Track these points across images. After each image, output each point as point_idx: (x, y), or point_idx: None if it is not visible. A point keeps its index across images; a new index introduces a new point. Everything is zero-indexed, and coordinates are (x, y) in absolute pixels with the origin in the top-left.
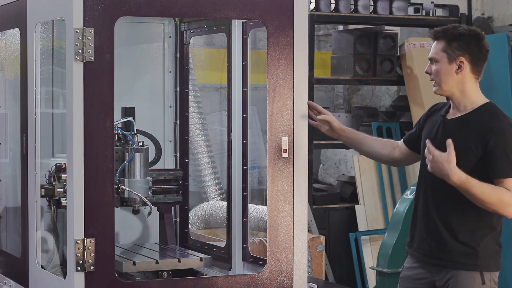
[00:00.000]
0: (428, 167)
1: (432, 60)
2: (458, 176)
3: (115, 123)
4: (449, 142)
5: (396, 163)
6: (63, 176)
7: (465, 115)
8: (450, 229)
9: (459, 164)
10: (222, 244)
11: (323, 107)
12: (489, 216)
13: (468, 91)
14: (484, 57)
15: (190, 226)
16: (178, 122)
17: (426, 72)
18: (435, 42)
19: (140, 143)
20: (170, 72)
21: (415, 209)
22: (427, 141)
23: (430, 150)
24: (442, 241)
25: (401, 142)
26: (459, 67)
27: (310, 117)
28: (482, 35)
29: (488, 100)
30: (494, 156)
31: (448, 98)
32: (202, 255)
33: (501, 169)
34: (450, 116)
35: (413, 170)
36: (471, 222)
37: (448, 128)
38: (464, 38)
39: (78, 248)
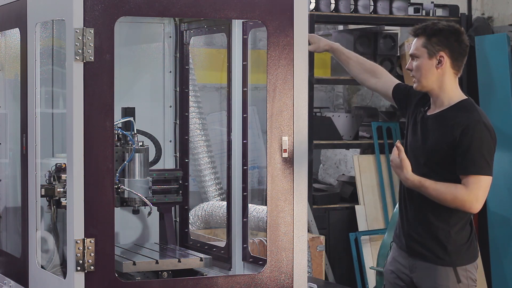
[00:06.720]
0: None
1: (413, 56)
2: (411, 181)
3: (115, 123)
4: (399, 145)
5: (367, 87)
6: (63, 176)
7: (442, 111)
8: (423, 225)
9: (433, 162)
10: (222, 244)
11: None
12: (456, 212)
13: (447, 87)
14: (464, 52)
15: (190, 226)
16: (178, 122)
17: (408, 69)
18: (415, 39)
19: (140, 143)
20: (170, 72)
21: (400, 206)
22: (397, 142)
23: (395, 153)
24: (418, 235)
25: (392, 84)
26: (439, 62)
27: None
28: (461, 31)
29: (466, 97)
30: (460, 152)
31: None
32: (202, 255)
33: (464, 165)
34: (430, 112)
35: None
36: (440, 217)
37: (426, 125)
38: (444, 33)
39: (78, 248)
